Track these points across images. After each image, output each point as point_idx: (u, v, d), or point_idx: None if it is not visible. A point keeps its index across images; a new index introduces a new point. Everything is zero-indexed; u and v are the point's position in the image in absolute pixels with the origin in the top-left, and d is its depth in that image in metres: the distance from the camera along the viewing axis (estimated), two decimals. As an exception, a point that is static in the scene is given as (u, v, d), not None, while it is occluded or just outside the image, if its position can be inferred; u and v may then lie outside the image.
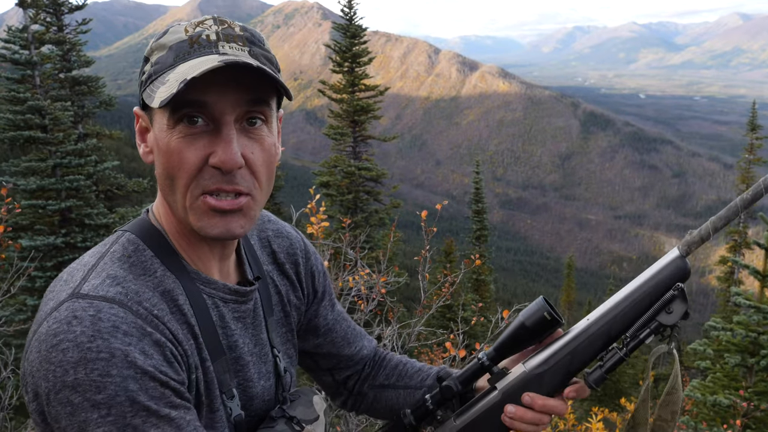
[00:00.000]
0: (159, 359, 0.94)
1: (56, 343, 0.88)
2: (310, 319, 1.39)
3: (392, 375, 1.47)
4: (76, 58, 16.15)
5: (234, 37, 1.02)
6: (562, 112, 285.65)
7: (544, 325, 1.15)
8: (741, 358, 7.26)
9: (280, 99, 1.08)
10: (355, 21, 19.88)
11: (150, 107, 1.00)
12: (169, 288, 1.03)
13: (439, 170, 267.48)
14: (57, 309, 0.92)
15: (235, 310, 1.14)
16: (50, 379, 0.88)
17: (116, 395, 0.88)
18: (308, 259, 1.38)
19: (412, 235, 48.39)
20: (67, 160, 13.63)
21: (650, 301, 1.11)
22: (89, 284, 0.95)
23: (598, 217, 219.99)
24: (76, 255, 13.57)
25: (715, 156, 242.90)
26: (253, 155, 1.02)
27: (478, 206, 25.15)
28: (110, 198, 16.78)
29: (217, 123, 0.98)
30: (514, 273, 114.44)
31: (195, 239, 1.09)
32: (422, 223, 3.50)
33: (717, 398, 6.96)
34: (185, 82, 0.92)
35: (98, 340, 0.88)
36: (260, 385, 1.19)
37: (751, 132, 26.67)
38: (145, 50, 1.05)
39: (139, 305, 0.96)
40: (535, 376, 1.16)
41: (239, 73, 0.97)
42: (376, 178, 19.54)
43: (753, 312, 7.15)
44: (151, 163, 1.05)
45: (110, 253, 1.02)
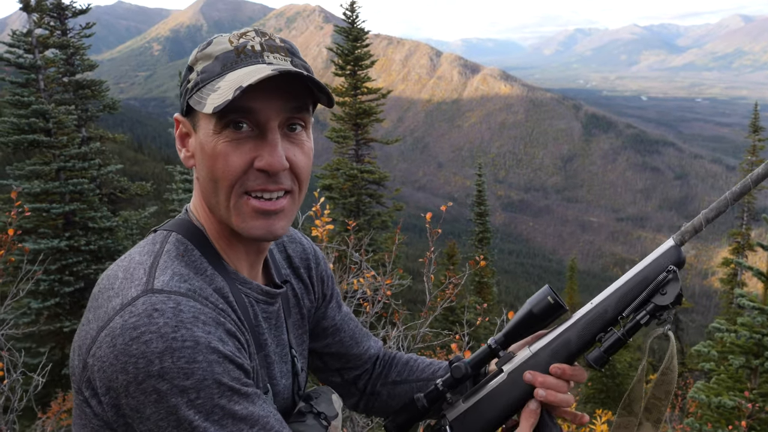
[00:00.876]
0: (233, 346, 0.99)
1: (137, 336, 0.92)
2: (318, 321, 1.44)
3: (404, 371, 1.51)
4: (80, 62, 16.20)
5: (277, 48, 1.07)
6: (564, 114, 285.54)
7: (549, 311, 1.20)
8: (745, 360, 7.27)
9: (314, 106, 1.13)
10: (357, 24, 19.90)
11: (193, 113, 1.07)
12: (219, 286, 1.08)
13: (441, 173, 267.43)
14: (132, 304, 0.95)
15: (264, 310, 1.19)
16: (130, 371, 0.91)
17: (204, 379, 0.93)
18: (318, 264, 1.44)
19: (414, 237, 48.36)
20: (70, 164, 13.68)
21: (645, 285, 1.16)
22: (160, 280, 0.99)
23: (600, 220, 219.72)
24: (80, 258, 13.63)
25: (717, 158, 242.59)
26: (296, 157, 1.08)
27: (481, 209, 25.15)
28: (113, 201, 16.83)
29: (263, 128, 1.04)
30: (516, 276, 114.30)
31: (233, 240, 1.14)
32: (427, 225, 3.52)
33: (722, 400, 6.96)
34: (241, 89, 0.96)
35: (182, 330, 0.93)
36: (282, 384, 1.24)
37: (754, 134, 26.61)
38: (189, 59, 1.10)
39: (206, 300, 1.01)
40: (540, 357, 1.22)
41: (285, 81, 1.02)
42: (378, 181, 19.54)
43: (757, 313, 7.16)
44: (192, 168, 1.11)
45: (166, 252, 1.06)
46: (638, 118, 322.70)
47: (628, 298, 1.18)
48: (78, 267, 13.45)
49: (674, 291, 1.14)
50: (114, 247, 14.28)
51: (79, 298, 13.89)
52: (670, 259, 1.17)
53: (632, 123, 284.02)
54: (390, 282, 3.43)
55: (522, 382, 1.23)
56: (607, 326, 1.19)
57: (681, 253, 1.17)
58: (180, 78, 1.13)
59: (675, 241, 1.18)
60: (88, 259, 13.86)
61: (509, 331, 1.25)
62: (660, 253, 1.18)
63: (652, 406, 1.21)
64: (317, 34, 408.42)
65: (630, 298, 1.17)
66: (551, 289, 1.23)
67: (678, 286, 1.15)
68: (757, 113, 26.93)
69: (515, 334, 1.25)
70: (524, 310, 1.23)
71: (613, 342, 1.17)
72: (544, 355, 1.22)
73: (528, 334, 1.25)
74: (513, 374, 1.24)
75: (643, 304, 1.16)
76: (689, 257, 10.75)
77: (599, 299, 1.21)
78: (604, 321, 1.19)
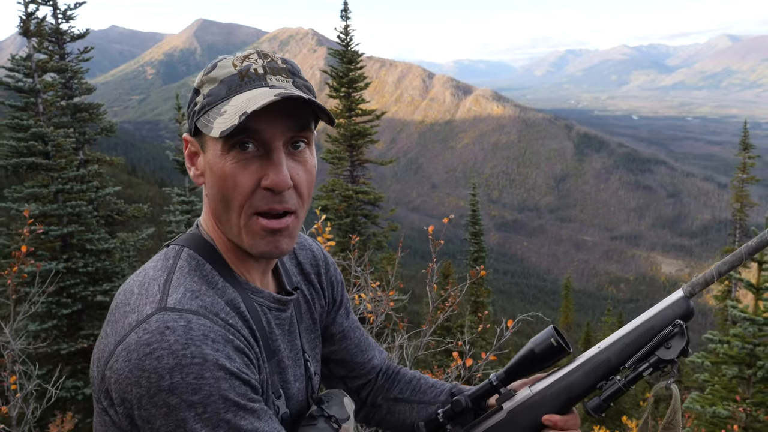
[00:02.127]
0: (240, 362, 1.04)
1: (150, 352, 0.97)
2: (327, 327, 1.48)
3: (406, 389, 1.55)
4: (78, 86, 16.36)
5: (279, 70, 1.12)
6: (556, 134, 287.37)
7: (551, 352, 1.22)
8: (738, 370, 7.39)
9: (317, 122, 1.19)
10: (351, 47, 20.15)
11: (201, 134, 1.11)
12: (231, 298, 1.13)
13: (434, 193, 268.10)
14: (146, 321, 1.01)
15: (277, 317, 1.24)
16: (143, 384, 0.97)
17: (211, 395, 0.98)
18: (328, 270, 1.48)
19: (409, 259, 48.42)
20: (68, 186, 13.76)
21: (650, 336, 1.16)
22: (173, 298, 1.04)
23: (594, 239, 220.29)
24: (78, 280, 13.65)
25: (709, 176, 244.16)
26: (299, 176, 1.12)
27: (475, 228, 25.26)
28: (110, 223, 16.88)
29: (268, 148, 1.08)
30: (511, 295, 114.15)
31: (243, 253, 1.19)
32: (429, 237, 3.65)
33: (716, 409, 7.08)
34: (246, 115, 1.01)
35: (191, 347, 0.98)
36: (295, 387, 1.28)
37: (744, 151, 26.93)
38: (195, 82, 1.15)
39: (216, 316, 1.06)
40: (539, 399, 1.24)
41: (287, 103, 1.06)
42: (373, 202, 19.65)
43: (748, 324, 7.30)
44: (201, 185, 1.16)
45: (179, 269, 1.12)
46: (630, 137, 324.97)
47: (633, 348, 1.17)
48: (75, 289, 13.46)
49: (679, 346, 1.14)
50: (111, 269, 14.32)
51: (76, 320, 13.90)
52: (677, 311, 1.16)
53: (624, 142, 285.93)
54: (393, 293, 3.54)
55: (520, 421, 1.24)
56: (610, 375, 1.19)
57: (690, 305, 1.16)
58: (185, 100, 1.17)
59: (685, 293, 1.17)
60: (85, 281, 13.88)
61: (510, 369, 1.27)
62: (668, 304, 1.18)
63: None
64: (310, 56, 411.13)
65: (634, 349, 1.17)
66: (555, 329, 1.24)
67: (683, 341, 1.14)
68: (747, 131, 27.28)
69: (516, 372, 1.27)
70: (527, 348, 1.25)
71: (614, 392, 1.17)
72: (544, 397, 1.23)
73: (529, 373, 1.27)
74: (512, 413, 1.26)
75: (647, 356, 1.16)
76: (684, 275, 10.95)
77: (604, 344, 1.21)
78: (606, 369, 1.19)
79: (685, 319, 1.16)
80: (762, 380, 7.32)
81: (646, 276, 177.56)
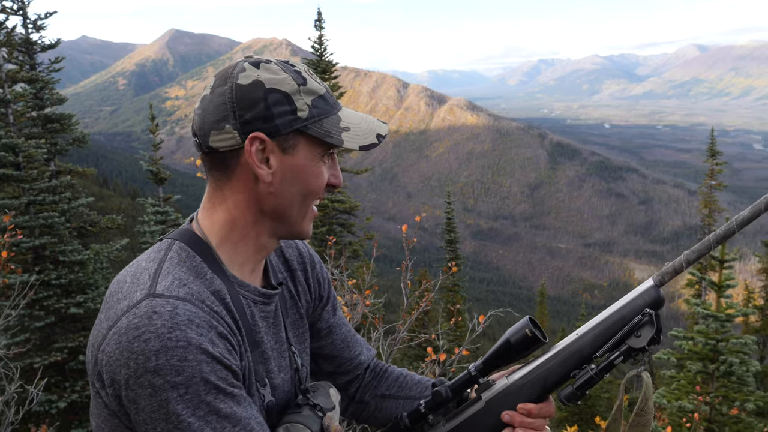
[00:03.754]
0: (223, 348, 1.11)
1: (138, 335, 1.04)
2: (314, 322, 1.54)
3: (393, 386, 1.61)
4: (49, 96, 16.21)
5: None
6: (530, 143, 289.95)
7: (526, 343, 1.25)
8: (702, 365, 7.61)
9: None
10: (325, 57, 20.26)
11: (285, 136, 1.21)
12: (217, 288, 1.19)
13: (410, 203, 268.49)
14: (136, 306, 1.08)
15: (261, 310, 1.31)
16: (131, 366, 1.04)
17: (193, 377, 1.04)
18: (314, 267, 1.55)
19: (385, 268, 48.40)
20: (41, 198, 13.64)
21: (621, 325, 1.19)
22: (161, 285, 1.12)
23: (568, 246, 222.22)
24: (51, 293, 13.49)
25: (679, 183, 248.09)
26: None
27: (451, 236, 25.45)
28: (83, 235, 16.70)
29: (334, 154, 1.29)
30: (487, 303, 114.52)
31: (239, 247, 1.28)
32: (403, 235, 3.74)
33: (682, 403, 7.29)
34: (381, 137, 1.27)
35: (177, 331, 1.04)
36: (280, 377, 1.34)
37: (712, 158, 27.48)
38: (284, 87, 1.21)
39: (202, 303, 1.12)
40: (516, 388, 1.27)
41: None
42: (349, 211, 19.73)
43: (711, 321, 7.54)
44: (267, 183, 1.22)
45: (169, 259, 1.19)
46: (602, 145, 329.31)
47: (604, 337, 1.20)
48: (48, 301, 13.31)
49: (648, 334, 1.16)
50: (85, 280, 14.18)
51: (49, 333, 13.72)
52: (647, 299, 1.19)
53: (596, 150, 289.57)
54: (369, 293, 3.63)
55: (498, 410, 1.28)
56: (582, 364, 1.22)
57: (659, 293, 1.19)
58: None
59: (655, 281, 1.20)
60: (58, 293, 13.72)
61: (488, 359, 1.31)
62: (638, 293, 1.20)
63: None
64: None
65: (606, 338, 1.20)
66: (531, 320, 1.27)
67: (653, 330, 1.16)
68: (714, 139, 27.84)
69: (494, 363, 1.31)
70: (503, 339, 1.28)
71: (586, 380, 1.21)
72: (520, 387, 1.27)
73: (506, 363, 1.30)
74: (490, 402, 1.30)
75: (618, 345, 1.19)
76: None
77: (579, 333, 1.24)
78: (579, 359, 1.22)
79: (655, 308, 1.18)
80: (725, 375, 7.55)
81: (619, 282, 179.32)
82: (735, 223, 1.13)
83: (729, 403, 7.47)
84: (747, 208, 1.12)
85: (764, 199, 1.10)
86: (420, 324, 15.99)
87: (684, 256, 1.17)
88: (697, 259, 1.17)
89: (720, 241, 1.15)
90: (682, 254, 1.18)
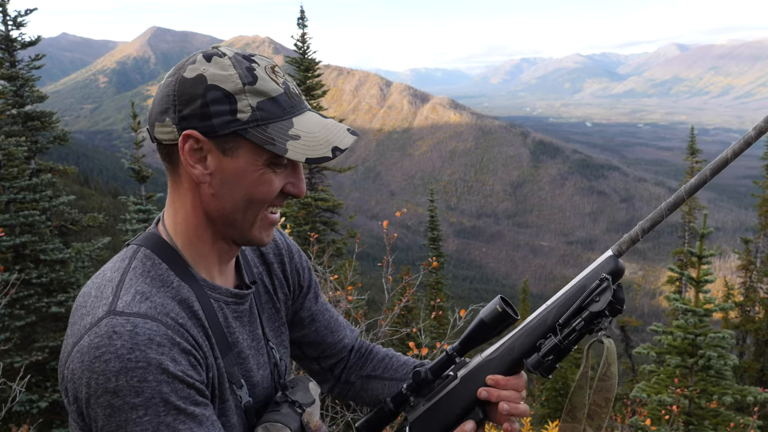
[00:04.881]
0: (186, 364, 1.09)
1: (99, 355, 1.03)
2: (295, 312, 1.54)
3: (379, 367, 1.62)
4: (29, 94, 16.07)
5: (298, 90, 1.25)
6: (512, 141, 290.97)
7: (499, 320, 1.29)
8: (681, 359, 7.74)
9: None
10: (308, 55, 20.22)
11: (224, 138, 1.14)
12: (185, 296, 1.18)
13: (393, 201, 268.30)
14: (97, 324, 1.07)
15: (234, 310, 1.30)
16: (92, 386, 1.04)
17: (152, 397, 1.03)
18: (292, 258, 1.54)
19: (368, 267, 48.34)
20: (21, 196, 13.52)
21: (582, 293, 1.24)
22: (122, 301, 1.10)
23: (550, 243, 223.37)
24: (31, 291, 13.38)
25: (660, 181, 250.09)
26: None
27: (434, 234, 25.50)
28: (64, 233, 16.57)
29: (296, 163, 1.22)
30: (470, 301, 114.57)
31: (205, 249, 1.25)
32: (384, 231, 3.78)
33: (661, 397, 7.41)
34: (339, 150, 1.18)
35: (136, 352, 1.03)
36: (259, 375, 1.34)
37: (691, 156, 27.84)
38: (223, 85, 1.14)
39: (166, 316, 1.11)
40: (487, 362, 1.32)
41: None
42: (332, 209, 19.72)
43: (690, 315, 7.68)
44: (202, 183, 1.18)
45: (132, 269, 1.17)
46: (584, 143, 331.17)
47: (566, 306, 1.25)
48: (29, 300, 13.21)
49: (607, 298, 1.20)
50: (66, 279, 14.07)
51: (30, 332, 13.62)
52: (606, 268, 1.23)
53: (578, 149, 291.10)
54: (352, 288, 3.66)
55: (472, 385, 1.33)
56: (547, 333, 1.26)
57: (618, 263, 1.24)
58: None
59: (613, 252, 1.25)
60: (39, 292, 13.62)
61: (464, 339, 1.35)
62: (598, 264, 1.25)
63: (594, 413, 1.25)
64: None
65: (567, 307, 1.24)
66: (503, 299, 1.32)
67: (610, 294, 1.20)
68: (694, 137, 28.19)
69: (470, 342, 1.34)
70: (477, 318, 1.32)
71: (551, 347, 1.24)
72: (491, 360, 1.32)
73: (482, 342, 1.34)
74: (464, 378, 1.34)
75: (579, 312, 1.23)
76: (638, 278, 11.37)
77: (544, 307, 1.29)
78: (544, 328, 1.26)
79: (614, 276, 1.22)
80: (703, 369, 7.69)
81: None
82: (684, 191, 1.17)
83: (707, 397, 7.60)
84: (694, 177, 1.17)
85: (708, 167, 1.15)
86: (402, 321, 16.05)
87: (639, 226, 1.21)
88: (652, 227, 1.21)
89: (672, 208, 1.19)
90: (638, 224, 1.21)
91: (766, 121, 1.09)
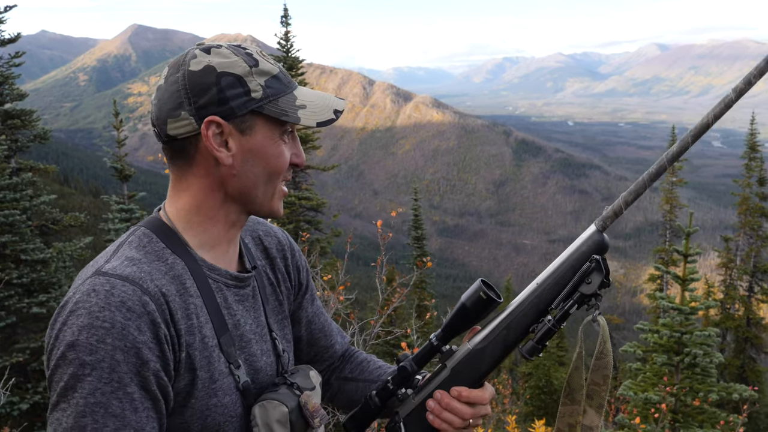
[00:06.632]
0: (149, 337, 1.09)
1: (74, 309, 1.07)
2: (294, 311, 1.56)
3: (356, 369, 1.63)
4: (9, 92, 15.85)
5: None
6: (495, 140, 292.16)
7: (481, 305, 1.26)
8: (667, 357, 7.83)
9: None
10: (291, 53, 20.14)
11: (241, 118, 1.22)
12: (178, 273, 1.21)
13: (376, 200, 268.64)
14: (83, 284, 1.11)
15: (236, 294, 1.32)
16: (59, 337, 1.07)
17: (102, 360, 1.04)
18: (294, 255, 1.56)
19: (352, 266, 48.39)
20: (1, 195, 13.33)
21: (572, 275, 1.21)
22: (110, 264, 1.14)
23: (533, 242, 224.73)
24: (12, 292, 13.19)
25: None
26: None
27: (418, 232, 25.52)
28: (45, 233, 16.37)
29: (294, 133, 1.31)
30: (454, 299, 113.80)
31: (210, 227, 1.28)
32: (378, 231, 3.77)
33: (648, 395, 7.48)
34: (339, 112, 1.27)
35: (106, 312, 1.06)
36: (263, 361, 1.35)
37: (672, 155, 28.06)
38: (236, 70, 1.22)
39: (150, 283, 1.13)
40: (478, 351, 1.29)
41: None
42: (316, 208, 19.68)
43: (676, 314, 7.77)
44: (228, 165, 1.23)
45: (128, 243, 1.22)
46: (565, 142, 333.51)
47: (557, 288, 1.22)
48: (10, 301, 13.02)
49: (598, 279, 1.19)
50: (47, 279, 13.89)
51: (11, 333, 13.43)
52: (592, 246, 1.21)
53: (560, 147, 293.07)
54: (343, 288, 3.66)
55: (463, 377, 1.30)
56: (540, 317, 1.24)
57: (604, 238, 1.21)
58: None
59: (597, 227, 1.22)
60: (20, 292, 13.43)
61: (447, 327, 1.31)
62: (583, 240, 1.22)
63: (593, 393, 1.25)
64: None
65: (558, 289, 1.22)
66: (483, 282, 1.28)
67: (602, 274, 1.19)
68: (675, 136, 28.49)
69: (453, 329, 1.31)
70: (459, 304, 1.29)
71: (545, 332, 1.22)
72: (482, 349, 1.28)
73: (465, 328, 1.31)
74: (455, 369, 1.31)
75: (571, 294, 1.21)
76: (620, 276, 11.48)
77: (530, 289, 1.25)
78: (536, 312, 1.24)
79: (601, 253, 1.21)
80: (689, 366, 7.78)
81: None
82: (665, 159, 1.16)
83: (693, 394, 7.69)
84: (675, 144, 1.15)
85: (690, 133, 1.13)
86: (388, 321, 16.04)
87: (621, 198, 1.19)
88: (635, 199, 1.19)
89: (653, 178, 1.17)
90: (620, 196, 1.19)
91: (745, 83, 1.07)
